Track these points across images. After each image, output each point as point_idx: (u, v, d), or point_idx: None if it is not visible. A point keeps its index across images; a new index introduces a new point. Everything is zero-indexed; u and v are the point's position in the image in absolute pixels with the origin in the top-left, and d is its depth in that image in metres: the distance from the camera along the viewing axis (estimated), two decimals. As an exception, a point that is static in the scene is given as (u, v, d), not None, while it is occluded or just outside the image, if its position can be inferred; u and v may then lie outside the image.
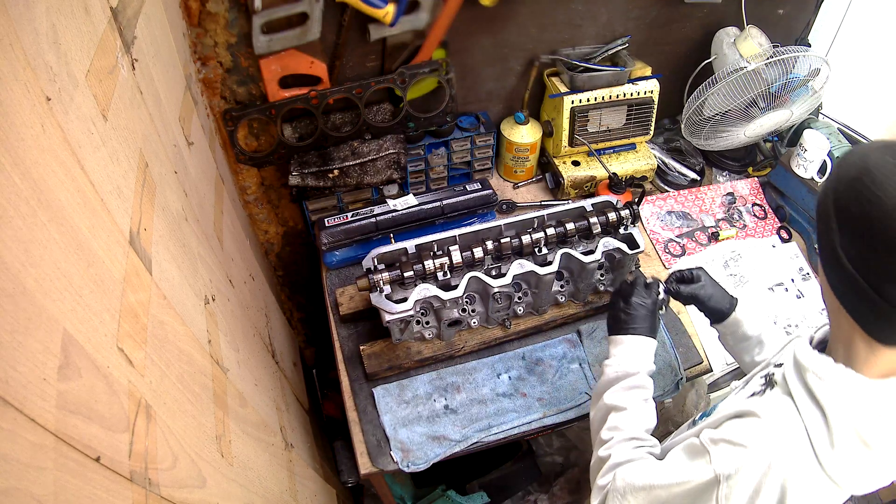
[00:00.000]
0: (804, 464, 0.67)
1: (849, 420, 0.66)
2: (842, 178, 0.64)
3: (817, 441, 0.67)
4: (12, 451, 0.37)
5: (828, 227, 0.66)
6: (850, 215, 0.63)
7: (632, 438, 0.86)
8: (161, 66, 0.90)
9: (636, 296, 0.97)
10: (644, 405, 0.89)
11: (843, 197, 0.64)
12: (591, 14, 1.43)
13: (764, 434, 0.69)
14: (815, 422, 0.67)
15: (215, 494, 0.70)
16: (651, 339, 0.95)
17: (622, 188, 1.50)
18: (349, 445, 1.15)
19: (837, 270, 0.66)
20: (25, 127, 0.46)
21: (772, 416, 0.70)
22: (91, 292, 0.51)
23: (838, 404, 0.67)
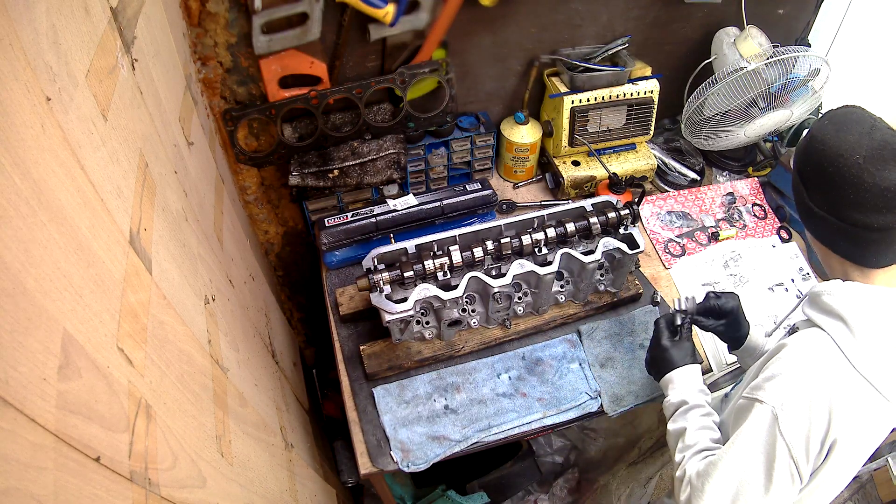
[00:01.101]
0: (839, 369, 0.74)
1: (866, 318, 0.75)
2: (799, 150, 0.84)
3: (844, 344, 0.75)
4: (12, 451, 0.37)
5: (798, 192, 0.84)
6: (808, 171, 0.82)
7: (701, 451, 0.87)
8: (161, 66, 0.90)
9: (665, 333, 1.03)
10: (703, 419, 0.92)
11: (800, 161, 0.83)
12: (591, 14, 1.43)
13: (795, 356, 0.77)
14: (838, 330, 0.77)
15: (215, 494, 0.70)
16: (691, 365, 0.99)
17: (622, 188, 1.50)
18: (349, 445, 1.15)
19: (813, 219, 0.82)
20: (25, 127, 0.46)
21: (798, 341, 0.79)
22: (91, 292, 0.51)
23: (853, 308, 0.77)
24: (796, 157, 0.84)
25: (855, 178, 0.75)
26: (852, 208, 0.76)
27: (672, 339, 1.02)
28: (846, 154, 0.76)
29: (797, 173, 0.84)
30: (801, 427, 0.73)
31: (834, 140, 0.78)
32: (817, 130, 0.81)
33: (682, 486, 0.84)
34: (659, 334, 1.03)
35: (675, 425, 0.94)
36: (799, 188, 0.84)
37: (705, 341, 1.32)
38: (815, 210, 0.81)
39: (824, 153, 0.78)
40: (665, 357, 1.00)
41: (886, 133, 0.77)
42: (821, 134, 0.80)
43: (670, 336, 1.03)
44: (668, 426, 0.96)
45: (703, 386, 0.97)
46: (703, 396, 0.95)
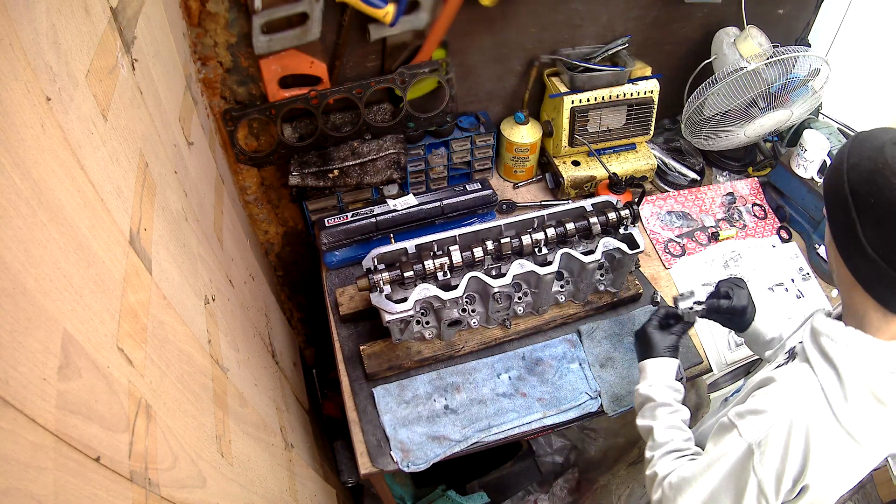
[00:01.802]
0: (822, 418, 0.72)
1: (861, 377, 0.72)
2: (859, 170, 0.69)
3: (832, 396, 0.72)
4: (12, 451, 0.37)
5: (846, 215, 0.71)
6: (871, 205, 0.68)
7: (671, 451, 0.89)
8: (161, 66, 0.90)
9: (653, 321, 1.04)
10: (671, 418, 0.93)
11: (861, 189, 0.69)
12: (591, 14, 1.43)
13: (781, 395, 0.74)
14: (829, 380, 0.73)
15: (215, 494, 0.70)
16: (669, 359, 0.99)
17: (622, 188, 1.50)
18: (349, 445, 1.15)
19: (858, 254, 0.71)
20: (25, 127, 0.46)
21: (788, 379, 0.76)
22: (91, 292, 0.51)
23: (850, 362, 0.72)
24: (850, 174, 0.71)
25: None
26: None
27: (661, 327, 1.03)
28: None
29: (850, 195, 0.70)
30: (774, 467, 0.72)
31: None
32: (895, 161, 0.67)
33: (653, 485, 0.86)
34: (652, 317, 1.05)
35: (644, 421, 0.95)
36: (847, 212, 0.71)
37: (705, 341, 1.32)
38: (866, 249, 0.69)
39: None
40: (646, 342, 1.02)
41: None
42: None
43: (660, 324, 1.03)
44: (637, 418, 0.98)
45: (673, 382, 0.97)
46: (671, 394, 0.95)
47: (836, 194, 0.72)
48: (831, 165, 0.76)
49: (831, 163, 0.77)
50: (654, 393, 0.95)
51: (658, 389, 0.96)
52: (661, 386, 0.96)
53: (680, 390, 0.97)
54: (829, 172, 0.75)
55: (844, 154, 0.73)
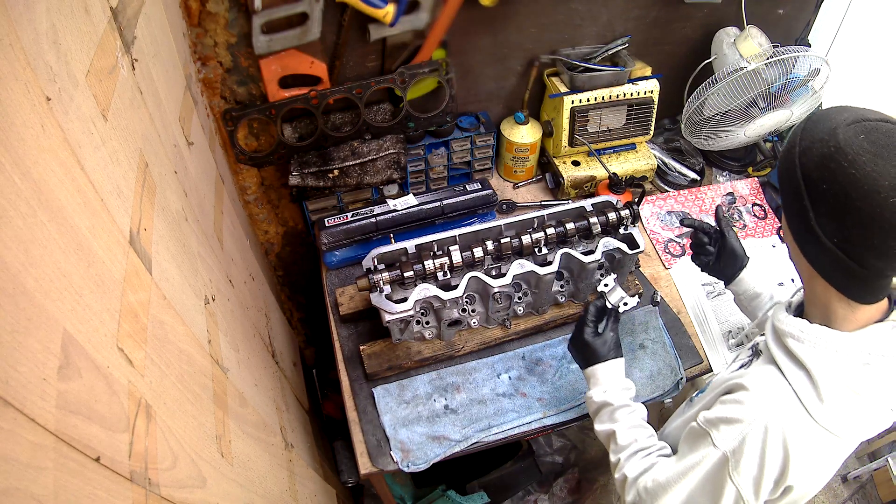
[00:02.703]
0: (798, 422, 0.71)
1: (833, 374, 0.70)
2: (811, 155, 0.66)
3: (806, 399, 0.70)
4: (12, 451, 0.37)
5: (799, 203, 0.68)
6: (825, 193, 0.65)
7: (637, 451, 0.89)
8: (161, 66, 0.90)
9: (587, 329, 1.00)
10: (631, 418, 0.92)
11: (814, 174, 0.66)
12: (591, 14, 1.43)
13: (755, 404, 0.72)
14: (800, 382, 0.71)
15: (215, 494, 0.70)
16: (615, 360, 0.98)
17: (622, 188, 1.50)
18: (349, 445, 1.15)
19: (813, 244, 0.68)
20: (25, 127, 0.46)
21: (759, 385, 0.74)
22: (91, 292, 0.51)
23: (820, 362, 0.70)
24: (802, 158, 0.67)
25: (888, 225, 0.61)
26: (873, 253, 0.64)
27: (596, 331, 0.99)
28: (885, 192, 0.60)
29: (802, 181, 0.67)
30: (750, 474, 0.71)
31: (872, 168, 0.61)
32: (848, 145, 0.63)
33: (625, 487, 0.86)
34: (582, 325, 1.00)
35: (603, 426, 0.94)
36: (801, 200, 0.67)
37: (705, 341, 1.32)
38: (820, 237, 0.67)
39: (856, 181, 0.61)
40: (587, 352, 0.98)
41: None
42: (853, 153, 0.62)
43: (594, 329, 1.00)
44: (595, 424, 0.96)
45: (625, 382, 0.97)
46: (626, 394, 0.95)
47: (789, 181, 0.69)
48: (784, 148, 0.72)
49: (784, 145, 0.73)
50: (610, 397, 0.94)
51: (613, 393, 0.94)
52: (616, 389, 0.95)
53: (632, 388, 0.97)
54: (782, 156, 0.72)
55: (797, 137, 0.69)
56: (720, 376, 0.87)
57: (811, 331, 0.72)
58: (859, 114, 0.67)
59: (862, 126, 0.65)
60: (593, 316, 1.01)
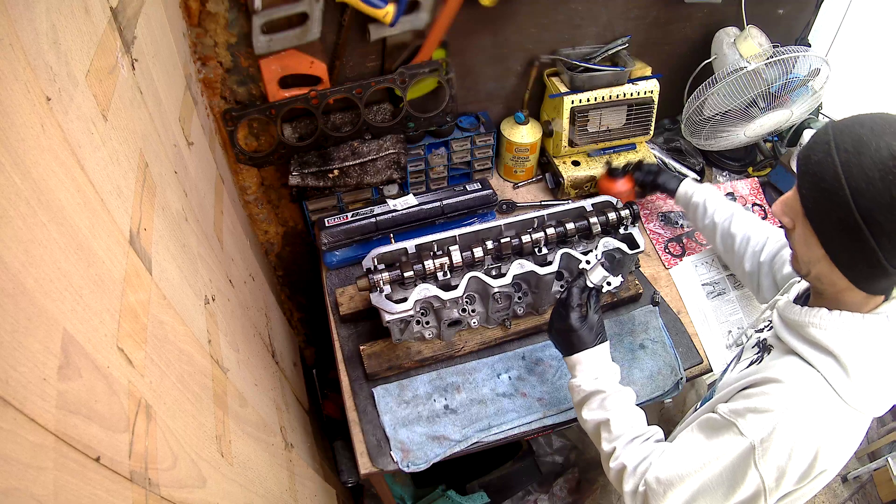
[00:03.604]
0: (831, 407, 0.72)
1: (860, 354, 0.72)
2: (873, 197, 0.64)
3: (837, 383, 0.72)
4: (12, 451, 0.37)
5: (860, 243, 0.66)
6: (882, 209, 0.64)
7: (633, 438, 0.87)
8: (161, 66, 0.90)
9: (573, 314, 0.96)
10: (623, 404, 0.91)
11: (882, 217, 0.64)
12: (591, 14, 1.43)
13: (788, 395, 0.73)
14: (829, 368, 0.73)
15: (215, 494, 0.70)
16: (601, 345, 0.96)
17: (620, 173, 1.46)
18: (349, 445, 1.15)
19: (870, 268, 0.68)
20: (25, 127, 0.46)
21: (788, 375, 0.75)
22: (91, 292, 0.51)
23: (847, 345, 0.72)
24: (862, 202, 0.65)
25: None
26: None
27: (581, 315, 0.96)
28: None
29: (864, 227, 0.65)
30: (776, 463, 0.72)
31: None
32: None
33: (624, 476, 0.84)
34: (567, 310, 0.96)
35: (593, 414, 0.92)
36: (865, 244, 0.66)
37: (705, 341, 1.32)
38: (887, 269, 0.67)
39: None
40: (573, 338, 0.95)
41: None
42: None
43: (580, 313, 0.96)
44: (583, 412, 0.93)
45: (612, 366, 0.95)
46: (614, 379, 0.94)
47: (842, 222, 0.67)
48: (823, 188, 0.68)
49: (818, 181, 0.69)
50: (601, 385, 0.92)
51: (605, 380, 0.92)
52: (607, 375, 0.93)
53: (618, 371, 0.96)
54: (826, 198, 0.68)
55: (838, 173, 0.66)
56: (729, 377, 0.86)
57: (832, 317, 0.74)
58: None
59: None
60: (578, 299, 0.97)
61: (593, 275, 0.98)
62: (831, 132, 0.70)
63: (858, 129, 0.67)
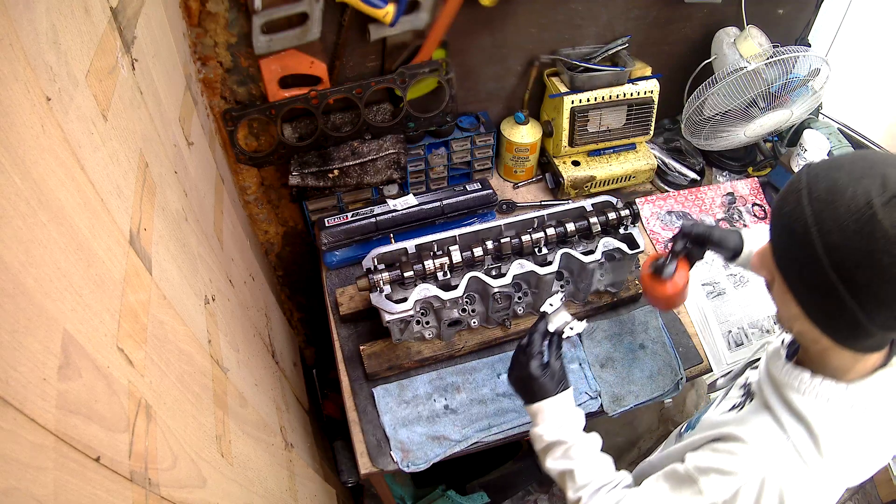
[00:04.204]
0: (797, 476, 0.67)
1: (835, 428, 0.66)
2: (848, 253, 0.57)
3: (805, 453, 0.67)
4: (12, 451, 0.37)
5: (833, 298, 0.60)
6: (872, 287, 0.57)
7: (600, 487, 0.84)
8: (161, 66, 0.90)
9: (533, 362, 0.90)
10: (588, 453, 0.88)
11: (858, 275, 0.57)
12: (591, 14, 1.43)
13: (752, 458, 0.69)
14: (800, 437, 0.68)
15: (215, 494, 0.70)
16: (564, 392, 0.90)
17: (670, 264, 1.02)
18: (349, 445, 1.15)
19: (828, 305, 0.61)
20: (25, 127, 0.46)
21: (756, 438, 0.70)
22: (91, 292, 0.51)
23: (822, 416, 0.67)
24: (835, 258, 0.58)
25: None
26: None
27: (542, 364, 0.90)
28: None
29: (839, 283, 0.58)
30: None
31: None
32: (892, 220, 0.54)
33: None
34: (527, 358, 0.90)
35: (556, 465, 0.87)
36: (839, 300, 0.59)
37: (705, 341, 1.32)
38: (861, 323, 0.60)
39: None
40: (534, 387, 0.89)
41: None
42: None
43: (540, 361, 0.90)
44: (546, 461, 0.89)
45: (575, 412, 0.90)
46: (578, 426, 0.89)
47: (816, 279, 0.60)
48: (794, 241, 0.62)
49: (789, 234, 0.63)
50: (563, 435, 0.87)
51: (567, 430, 0.88)
52: (569, 424, 0.89)
53: (582, 418, 0.91)
54: (798, 253, 0.62)
55: (810, 225, 0.60)
56: (710, 416, 0.83)
57: (813, 384, 0.68)
58: (885, 184, 0.56)
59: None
60: (538, 346, 0.91)
61: (555, 319, 0.92)
62: (804, 178, 0.63)
63: (834, 173, 0.60)
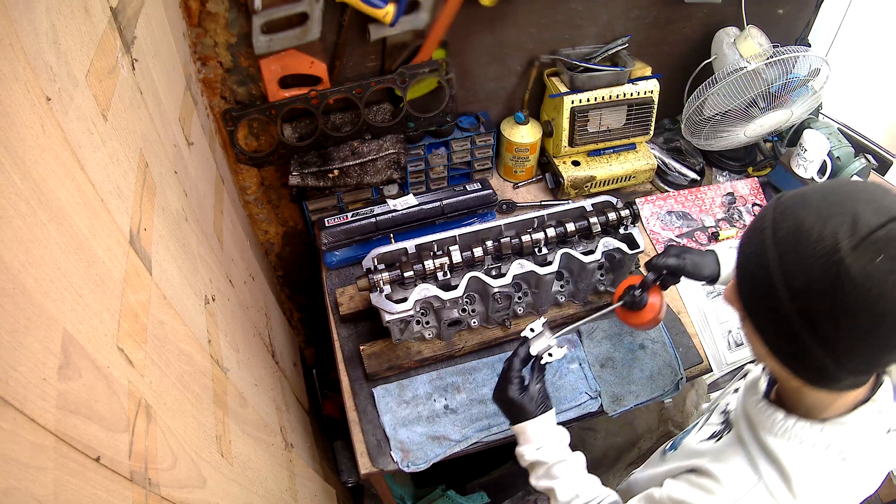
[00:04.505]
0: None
1: (808, 471, 0.65)
2: (813, 298, 0.54)
3: (778, 495, 0.66)
4: (12, 451, 0.37)
5: (797, 341, 0.57)
6: (839, 334, 0.54)
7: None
8: (161, 66, 0.90)
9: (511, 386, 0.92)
10: (569, 472, 0.89)
11: (824, 323, 0.54)
12: (591, 14, 1.43)
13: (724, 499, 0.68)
14: (773, 478, 0.66)
15: (215, 494, 0.70)
16: (545, 414, 0.91)
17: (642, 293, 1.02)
18: (349, 445, 1.15)
19: (795, 350, 0.59)
20: (25, 127, 0.46)
21: (729, 478, 0.69)
22: (91, 292, 0.51)
23: (795, 459, 0.65)
24: (799, 305, 0.55)
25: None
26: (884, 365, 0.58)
27: (521, 387, 0.91)
28: None
29: (804, 325, 0.55)
30: None
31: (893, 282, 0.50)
32: (868, 278, 0.50)
33: None
34: (506, 383, 0.92)
35: (539, 483, 0.89)
36: (801, 342, 0.57)
37: (705, 341, 1.32)
38: (826, 368, 0.57)
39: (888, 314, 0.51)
40: (514, 409, 0.91)
41: None
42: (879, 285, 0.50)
43: (520, 385, 0.91)
44: (531, 480, 0.91)
45: (558, 432, 0.91)
46: (560, 446, 0.90)
47: (781, 324, 0.58)
48: (758, 285, 0.59)
49: (752, 276, 0.60)
50: (544, 455, 0.89)
51: (548, 450, 0.89)
52: (549, 444, 0.90)
53: (565, 437, 0.92)
54: (762, 296, 0.59)
55: (773, 268, 0.57)
56: (690, 442, 0.83)
57: (786, 426, 0.66)
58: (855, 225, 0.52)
59: (872, 244, 0.51)
60: (518, 370, 0.92)
61: (535, 344, 0.93)
62: (770, 215, 0.59)
63: (801, 210, 0.56)
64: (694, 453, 0.79)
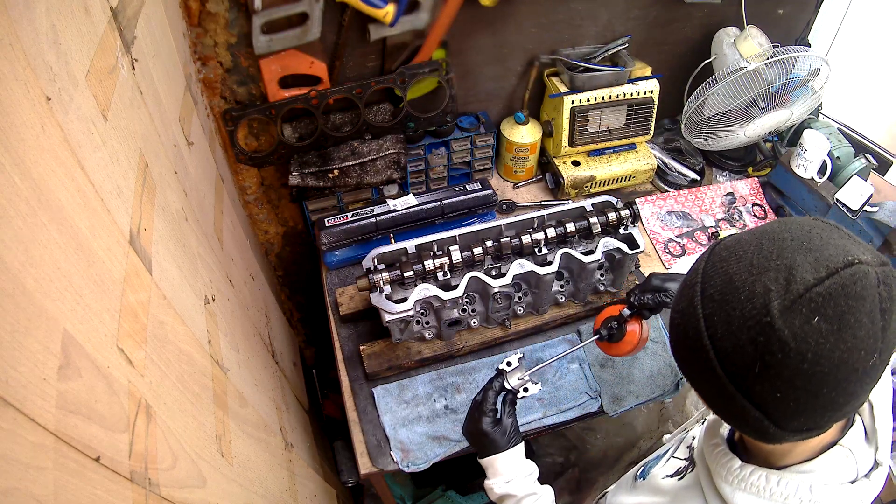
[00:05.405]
0: None
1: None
2: (743, 361, 0.51)
3: None
4: (12, 451, 0.37)
5: (713, 372, 0.54)
6: (776, 396, 0.51)
7: None
8: (161, 66, 0.90)
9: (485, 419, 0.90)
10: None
11: (757, 387, 0.51)
12: (591, 14, 1.43)
13: None
14: None
15: (215, 494, 0.70)
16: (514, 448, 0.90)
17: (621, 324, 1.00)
18: (349, 445, 1.15)
19: (733, 411, 0.56)
20: (25, 127, 0.46)
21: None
22: (91, 292, 0.51)
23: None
24: (728, 367, 0.52)
25: (854, 388, 0.49)
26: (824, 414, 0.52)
27: (494, 420, 0.90)
28: (860, 362, 0.48)
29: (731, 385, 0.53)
30: None
31: (842, 349, 0.47)
32: (802, 341, 0.47)
33: None
34: (480, 414, 0.90)
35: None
36: (733, 402, 0.54)
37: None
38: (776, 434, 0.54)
39: (825, 375, 0.48)
40: (485, 441, 0.90)
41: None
42: (814, 346, 0.47)
43: (493, 418, 0.90)
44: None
45: (526, 466, 0.90)
46: (529, 480, 0.89)
47: (714, 386, 0.55)
48: (688, 346, 0.56)
49: (682, 336, 0.57)
50: (513, 489, 0.88)
51: (516, 483, 0.88)
52: (518, 478, 0.89)
53: (534, 471, 0.91)
54: (693, 358, 0.56)
55: (701, 330, 0.54)
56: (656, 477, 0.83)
57: (742, 475, 0.63)
58: (789, 281, 0.48)
59: (807, 304, 0.47)
60: (493, 403, 0.91)
61: (511, 377, 0.93)
62: (700, 270, 0.56)
63: (733, 264, 0.53)
64: (657, 490, 0.79)
